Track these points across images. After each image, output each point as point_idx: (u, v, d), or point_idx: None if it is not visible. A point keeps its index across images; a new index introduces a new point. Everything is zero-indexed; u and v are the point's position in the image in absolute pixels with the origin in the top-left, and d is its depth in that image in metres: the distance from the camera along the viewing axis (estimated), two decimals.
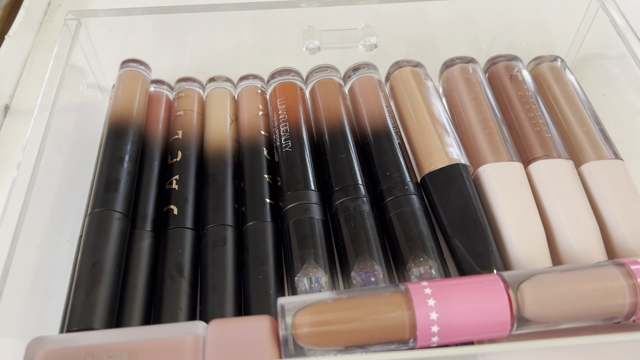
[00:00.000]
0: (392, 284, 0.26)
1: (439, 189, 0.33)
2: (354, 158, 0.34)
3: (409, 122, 0.37)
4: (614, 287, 0.25)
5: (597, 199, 0.33)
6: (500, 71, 0.40)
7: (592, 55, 0.43)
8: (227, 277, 0.30)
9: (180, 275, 0.30)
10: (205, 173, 0.35)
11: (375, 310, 0.24)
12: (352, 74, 0.40)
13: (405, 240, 0.31)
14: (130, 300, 0.29)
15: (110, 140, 0.34)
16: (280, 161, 0.35)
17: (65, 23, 0.39)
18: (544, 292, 0.25)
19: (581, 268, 0.26)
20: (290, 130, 0.36)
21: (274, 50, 0.44)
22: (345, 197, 0.32)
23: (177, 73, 0.41)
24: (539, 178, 0.33)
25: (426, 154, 0.34)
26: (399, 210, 0.32)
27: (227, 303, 0.29)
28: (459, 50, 0.41)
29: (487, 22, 0.45)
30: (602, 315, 0.26)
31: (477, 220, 0.31)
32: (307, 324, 0.24)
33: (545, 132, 0.35)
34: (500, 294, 0.25)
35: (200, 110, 0.39)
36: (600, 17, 0.41)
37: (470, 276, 0.27)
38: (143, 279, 0.30)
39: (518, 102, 0.37)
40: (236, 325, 0.25)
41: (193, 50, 0.45)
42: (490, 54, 0.41)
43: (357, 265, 0.29)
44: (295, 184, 0.33)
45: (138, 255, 0.30)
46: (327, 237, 0.31)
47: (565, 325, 0.26)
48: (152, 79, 0.40)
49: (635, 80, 0.37)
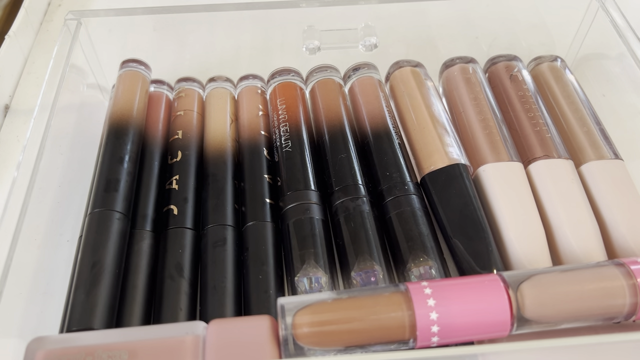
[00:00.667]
0: (392, 284, 0.26)
1: (439, 189, 0.33)
2: (354, 158, 0.34)
3: (409, 122, 0.37)
4: (614, 287, 0.25)
5: (597, 199, 0.33)
6: (500, 71, 0.40)
7: (592, 55, 0.43)
8: (227, 277, 0.30)
9: (180, 275, 0.30)
10: (205, 173, 0.35)
11: (375, 310, 0.24)
12: (352, 74, 0.40)
13: (405, 240, 0.31)
14: (130, 300, 0.29)
15: (110, 140, 0.34)
16: (280, 161, 0.35)
17: (65, 23, 0.39)
18: (544, 292, 0.25)
19: (581, 268, 0.26)
20: (290, 130, 0.36)
21: (274, 50, 0.44)
22: (345, 197, 0.32)
23: (177, 73, 0.41)
24: (539, 178, 0.33)
25: (426, 154, 0.34)
26: (399, 210, 0.32)
27: (227, 303, 0.29)
28: (459, 50, 0.41)
29: (487, 22, 0.45)
30: (602, 315, 0.26)
31: (477, 220, 0.31)
32: (307, 324, 0.24)
33: (545, 132, 0.35)
34: (500, 294, 0.25)
35: (200, 110, 0.39)
36: (600, 17, 0.41)
37: (470, 276, 0.27)
38: (143, 279, 0.30)
39: (518, 102, 0.37)
40: (236, 325, 0.25)
41: (193, 50, 0.45)
42: (490, 54, 0.41)
43: (357, 265, 0.29)
44: (295, 184, 0.33)
45: (138, 255, 0.30)
46: (327, 237, 0.31)
47: (565, 325, 0.26)
48: (152, 79, 0.40)
49: (635, 80, 0.37)
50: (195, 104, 0.39)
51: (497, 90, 0.39)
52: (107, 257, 0.29)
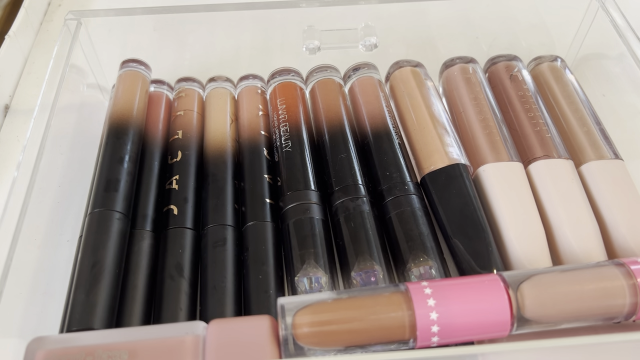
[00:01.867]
0: (392, 284, 0.26)
1: (439, 189, 0.33)
2: (354, 158, 0.34)
3: (409, 122, 0.37)
4: (614, 287, 0.25)
5: (597, 199, 0.33)
6: (500, 71, 0.40)
7: (592, 55, 0.43)
8: (227, 277, 0.30)
9: (180, 275, 0.30)
10: (205, 173, 0.35)
11: (375, 310, 0.24)
12: (352, 74, 0.40)
13: (405, 240, 0.31)
14: (130, 300, 0.29)
15: (110, 140, 0.34)
16: (280, 161, 0.35)
17: (65, 23, 0.39)
18: (544, 292, 0.25)
19: (581, 268, 0.26)
20: (290, 130, 0.36)
21: (274, 50, 0.44)
22: (346, 197, 0.32)
23: (177, 73, 0.41)
24: (539, 178, 0.33)
25: (426, 154, 0.34)
26: (399, 210, 0.32)
27: (227, 303, 0.29)
28: (458, 50, 0.41)
29: (487, 22, 0.45)
30: (602, 315, 0.26)
31: (477, 221, 0.31)
32: (307, 324, 0.24)
33: (545, 132, 0.35)
34: (500, 294, 0.25)
35: (200, 110, 0.39)
36: (600, 17, 0.41)
37: (470, 276, 0.27)
38: (143, 278, 0.30)
39: (518, 102, 0.37)
40: (236, 325, 0.25)
41: (193, 50, 0.45)
42: (490, 54, 0.41)
43: (357, 265, 0.29)
44: (295, 184, 0.33)
45: (138, 255, 0.30)
46: (327, 237, 0.31)
47: (565, 325, 0.26)
48: (152, 79, 0.40)
49: (635, 80, 0.37)
50: (195, 104, 0.39)
51: (497, 90, 0.39)
52: (107, 257, 0.29)
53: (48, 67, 0.36)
